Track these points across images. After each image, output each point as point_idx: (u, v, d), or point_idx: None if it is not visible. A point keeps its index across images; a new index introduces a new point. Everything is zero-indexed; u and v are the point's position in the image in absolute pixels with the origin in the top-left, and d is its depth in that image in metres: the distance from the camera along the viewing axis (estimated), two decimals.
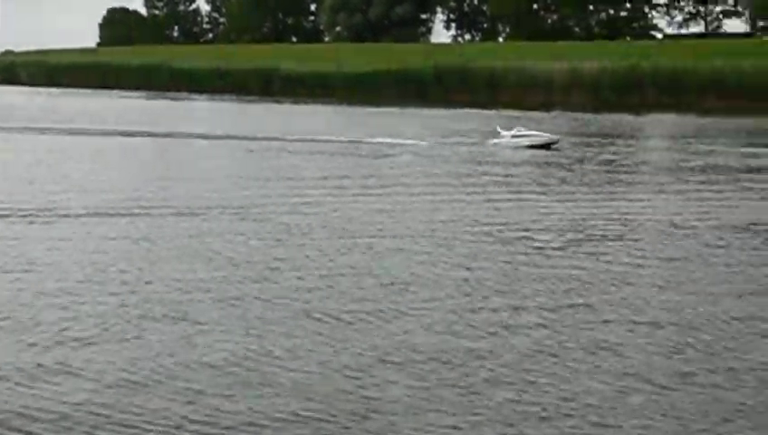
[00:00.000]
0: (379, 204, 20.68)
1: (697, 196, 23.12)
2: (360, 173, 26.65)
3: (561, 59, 73.95)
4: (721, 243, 16.64)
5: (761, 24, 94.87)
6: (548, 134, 36.11)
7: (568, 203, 21.38)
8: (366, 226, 17.85)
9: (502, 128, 36.67)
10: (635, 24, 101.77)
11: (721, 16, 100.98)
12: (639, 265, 14.77)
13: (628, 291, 13.13)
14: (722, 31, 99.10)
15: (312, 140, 36.60)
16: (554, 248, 15.97)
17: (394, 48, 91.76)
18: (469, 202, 21.27)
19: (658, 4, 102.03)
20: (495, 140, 35.64)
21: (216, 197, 21.25)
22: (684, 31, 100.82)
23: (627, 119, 54.38)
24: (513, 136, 35.37)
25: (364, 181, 24.86)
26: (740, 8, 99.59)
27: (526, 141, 34.79)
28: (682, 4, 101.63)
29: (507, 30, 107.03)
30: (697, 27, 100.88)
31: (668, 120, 55.96)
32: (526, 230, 17.60)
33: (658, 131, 48.86)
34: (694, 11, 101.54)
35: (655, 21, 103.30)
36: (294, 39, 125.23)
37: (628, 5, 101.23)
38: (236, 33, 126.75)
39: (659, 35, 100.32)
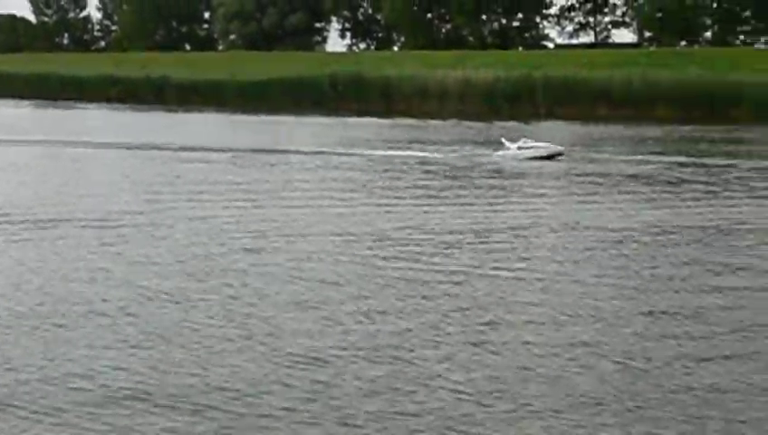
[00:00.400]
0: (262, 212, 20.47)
1: (584, 201, 23.38)
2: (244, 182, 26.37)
3: (455, 68, 74.50)
4: (604, 244, 16.82)
5: (648, 34, 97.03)
6: (553, 145, 35.77)
7: (451, 209, 21.57)
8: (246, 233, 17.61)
9: (507, 139, 35.83)
10: (527, 34, 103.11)
11: (610, 27, 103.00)
12: (523, 269, 14.83)
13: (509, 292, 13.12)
14: (611, 41, 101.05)
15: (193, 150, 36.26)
16: (418, 254, 15.93)
17: (289, 57, 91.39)
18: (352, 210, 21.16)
19: (550, 15, 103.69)
20: (501, 152, 35.01)
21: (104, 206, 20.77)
22: (574, 41, 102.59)
23: (519, 127, 54.90)
24: (520, 148, 34.79)
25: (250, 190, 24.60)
26: (628, 19, 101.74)
27: (532, 153, 34.33)
28: (573, 14, 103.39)
29: (402, 39, 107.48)
30: (587, 37, 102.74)
31: (560, 128, 56.71)
32: (426, 233, 17.55)
33: (549, 139, 49.40)
34: (584, 21, 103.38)
35: (546, 31, 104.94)
36: (188, 47, 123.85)
37: (520, 16, 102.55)
38: (129, 40, 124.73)
39: (551, 45, 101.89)
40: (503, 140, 35.68)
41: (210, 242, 16.99)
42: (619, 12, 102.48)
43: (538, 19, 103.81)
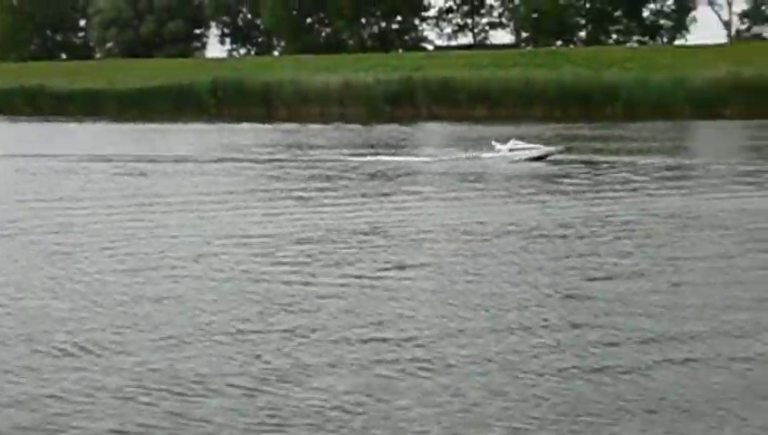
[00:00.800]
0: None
1: (462, 200, 23.62)
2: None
3: (335, 71, 74.65)
4: (478, 243, 16.99)
5: (525, 34, 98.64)
6: (545, 146, 35.74)
7: (329, 210, 21.64)
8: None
9: (497, 141, 35.54)
10: (406, 37, 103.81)
11: (488, 28, 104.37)
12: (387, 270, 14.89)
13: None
14: (489, 42, 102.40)
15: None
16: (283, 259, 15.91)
17: (168, 64, 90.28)
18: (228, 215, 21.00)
19: (428, 17, 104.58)
20: (491, 154, 34.69)
21: None
22: (453, 42, 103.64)
23: (401, 129, 55.26)
24: (511, 150, 34.56)
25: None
26: (505, 20, 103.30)
27: (524, 154, 34.18)
28: (451, 16, 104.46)
29: (282, 43, 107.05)
30: (466, 39, 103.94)
31: (441, 129, 57.27)
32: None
33: (431, 141, 49.83)
34: (462, 23, 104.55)
35: (426, 33, 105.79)
36: (64, 56, 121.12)
37: (399, 18, 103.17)
38: (2, 51, 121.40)
39: (430, 47, 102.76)
40: (493, 142, 35.48)
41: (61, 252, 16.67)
42: (496, 13, 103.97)
43: (417, 21, 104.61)
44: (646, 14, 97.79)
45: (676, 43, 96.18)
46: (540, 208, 21.94)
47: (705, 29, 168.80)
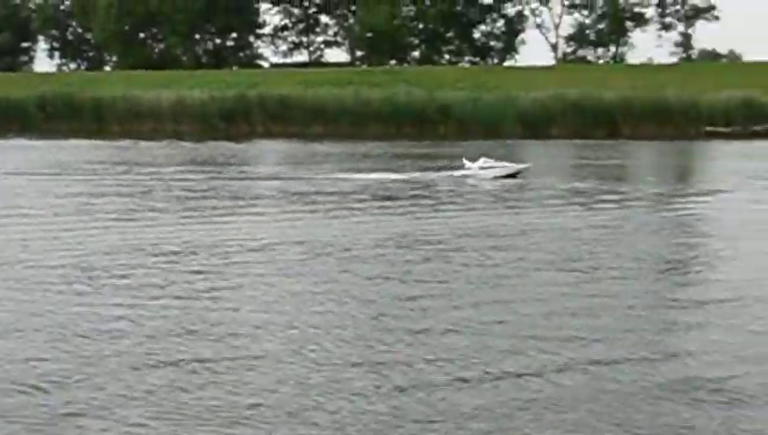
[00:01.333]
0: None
1: (294, 217, 23.64)
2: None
3: (169, 87, 73.68)
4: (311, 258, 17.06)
5: (359, 53, 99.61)
6: (515, 164, 35.96)
7: (162, 228, 21.31)
8: None
9: (468, 159, 35.72)
10: (241, 54, 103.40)
11: (323, 46, 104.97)
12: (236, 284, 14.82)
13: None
14: (324, 60, 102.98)
15: None
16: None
17: None
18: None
19: (264, 34, 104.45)
20: (461, 172, 34.82)
21: None
22: (289, 60, 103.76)
23: (234, 147, 54.92)
24: (481, 168, 34.79)
25: None
26: (340, 39, 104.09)
27: (496, 172, 34.45)
28: (286, 34, 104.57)
29: (114, 58, 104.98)
30: (302, 56, 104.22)
31: (275, 147, 57.16)
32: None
33: (265, 158, 49.71)
34: (297, 41, 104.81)
35: (261, 50, 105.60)
36: None
37: (234, 35, 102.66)
38: None
39: (266, 64, 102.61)
40: (464, 159, 35.79)
41: None
42: (331, 32, 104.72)
43: (252, 39, 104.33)
44: (477, 35, 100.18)
45: (506, 64, 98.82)
46: (356, 226, 22.11)
47: (534, 51, 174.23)
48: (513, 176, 34.67)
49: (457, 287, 15.28)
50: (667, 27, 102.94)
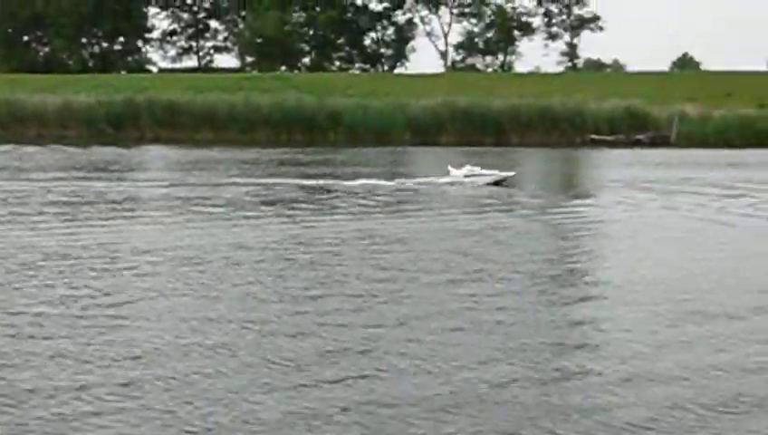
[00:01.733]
0: None
1: (176, 223, 23.42)
2: None
3: (54, 92, 72.28)
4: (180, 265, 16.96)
5: (250, 59, 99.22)
6: (500, 172, 35.72)
7: (39, 234, 20.96)
8: None
9: (452, 166, 35.48)
10: (130, 58, 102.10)
11: (213, 51, 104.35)
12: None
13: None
14: (215, 65, 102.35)
15: None
16: None
17: None
18: None
19: (152, 39, 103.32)
20: (446, 179, 34.57)
21: None
22: (178, 65, 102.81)
23: (122, 152, 54.10)
24: (466, 175, 34.61)
25: None
26: (230, 44, 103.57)
27: (481, 180, 34.36)
28: (175, 39, 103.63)
29: None
30: (191, 62, 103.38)
31: (164, 152, 56.50)
32: None
33: (152, 164, 49.11)
34: (187, 46, 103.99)
35: (150, 55, 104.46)
36: None
37: (121, 39, 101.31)
38: None
39: (155, 69, 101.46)
40: (449, 167, 35.66)
41: None
42: (221, 37, 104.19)
43: (140, 43, 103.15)
44: (367, 42, 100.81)
45: (397, 71, 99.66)
46: (235, 233, 22.05)
47: (424, 59, 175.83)
48: (498, 184, 34.86)
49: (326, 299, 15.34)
50: (553, 37, 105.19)
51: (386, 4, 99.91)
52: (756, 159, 51.50)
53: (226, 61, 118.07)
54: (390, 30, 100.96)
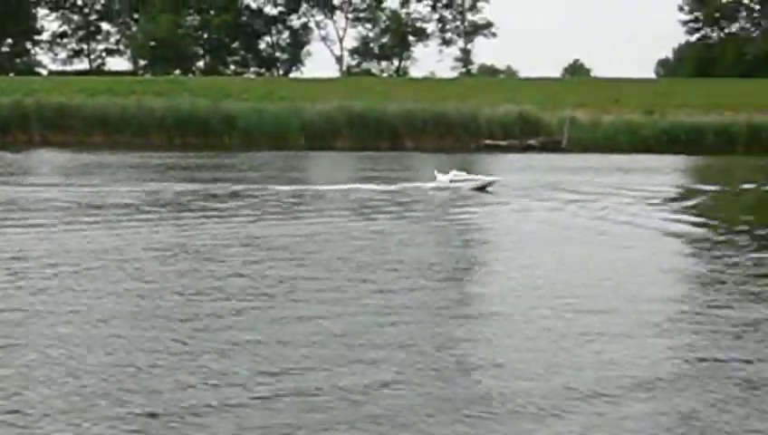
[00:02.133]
0: None
1: (64, 228, 22.97)
2: None
3: None
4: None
5: (143, 62, 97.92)
6: (486, 176, 36.08)
7: None
8: None
9: (438, 171, 35.58)
10: (18, 60, 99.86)
11: (105, 54, 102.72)
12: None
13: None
14: (107, 68, 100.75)
15: None
16: None
17: None
18: None
19: (42, 41, 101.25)
20: (433, 184, 34.69)
21: None
22: (69, 68, 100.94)
23: (9, 156, 52.83)
24: (452, 180, 34.69)
25: None
26: (122, 47, 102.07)
27: (471, 184, 34.62)
28: (66, 41, 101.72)
29: None
30: (82, 64, 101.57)
31: (54, 157, 55.35)
32: None
33: (41, 168, 48.09)
34: (78, 48, 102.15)
35: (39, 57, 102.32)
36: None
37: (9, 41, 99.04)
38: None
39: (44, 72, 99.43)
40: (435, 172, 35.79)
41: None
42: (113, 39, 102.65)
43: (29, 45, 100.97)
44: (262, 46, 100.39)
45: (292, 75, 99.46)
46: (125, 236, 21.75)
47: (319, 63, 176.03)
48: (483, 189, 35.05)
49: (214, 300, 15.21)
50: (447, 42, 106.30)
51: (281, 9, 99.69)
52: (641, 165, 52.71)
53: (119, 64, 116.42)
54: (285, 34, 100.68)
